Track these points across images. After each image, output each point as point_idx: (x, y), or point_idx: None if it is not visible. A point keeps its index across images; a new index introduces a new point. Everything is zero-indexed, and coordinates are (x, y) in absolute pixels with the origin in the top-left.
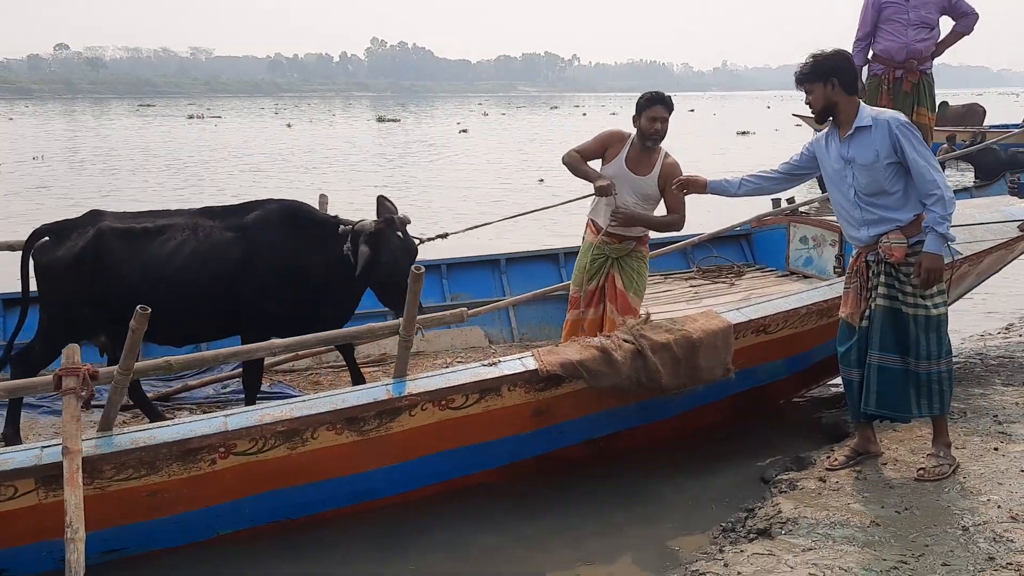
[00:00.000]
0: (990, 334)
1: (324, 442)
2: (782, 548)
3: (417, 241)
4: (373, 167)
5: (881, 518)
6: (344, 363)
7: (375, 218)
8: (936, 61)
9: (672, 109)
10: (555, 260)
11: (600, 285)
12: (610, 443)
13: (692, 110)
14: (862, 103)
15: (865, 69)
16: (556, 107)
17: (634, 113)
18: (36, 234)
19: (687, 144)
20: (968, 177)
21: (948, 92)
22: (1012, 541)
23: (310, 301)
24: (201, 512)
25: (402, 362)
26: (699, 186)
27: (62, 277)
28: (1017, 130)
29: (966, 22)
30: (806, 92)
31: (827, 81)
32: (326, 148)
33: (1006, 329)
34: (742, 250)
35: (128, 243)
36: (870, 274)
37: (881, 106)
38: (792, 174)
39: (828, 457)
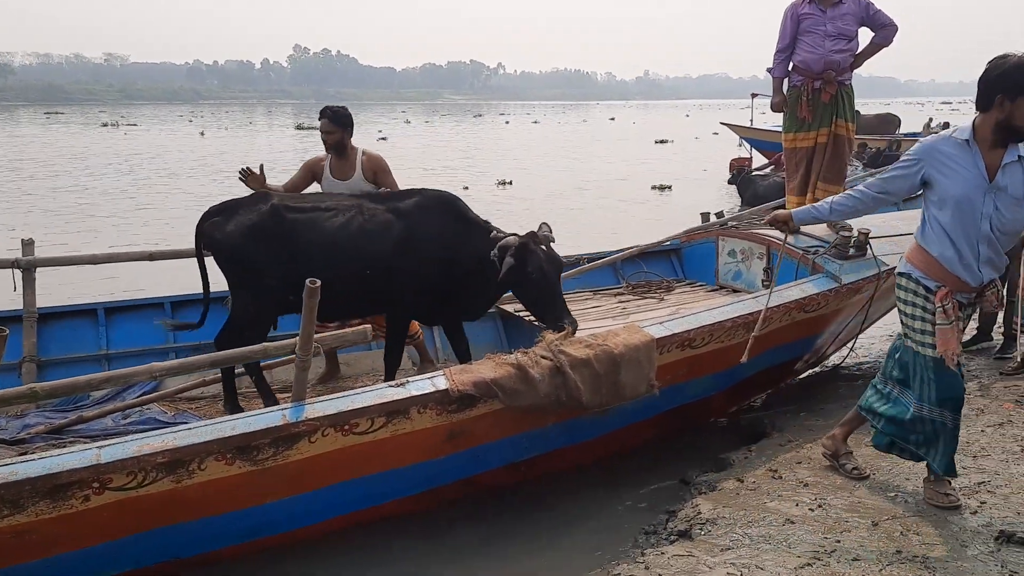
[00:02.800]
0: (891, 336)
1: (213, 474)
2: (702, 548)
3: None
4: (277, 174)
5: (795, 516)
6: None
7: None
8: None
9: (339, 122)
10: None
11: None
12: (535, 466)
13: (613, 118)
14: None
15: (786, 81)
16: (480, 115)
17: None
18: (205, 216)
19: (606, 151)
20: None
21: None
22: (918, 534)
23: (453, 292)
24: (77, 554)
25: (300, 385)
26: (785, 219)
27: (242, 246)
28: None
29: (885, 33)
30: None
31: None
32: (237, 156)
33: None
34: (672, 265)
35: (303, 215)
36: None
37: (800, 118)
38: (883, 194)
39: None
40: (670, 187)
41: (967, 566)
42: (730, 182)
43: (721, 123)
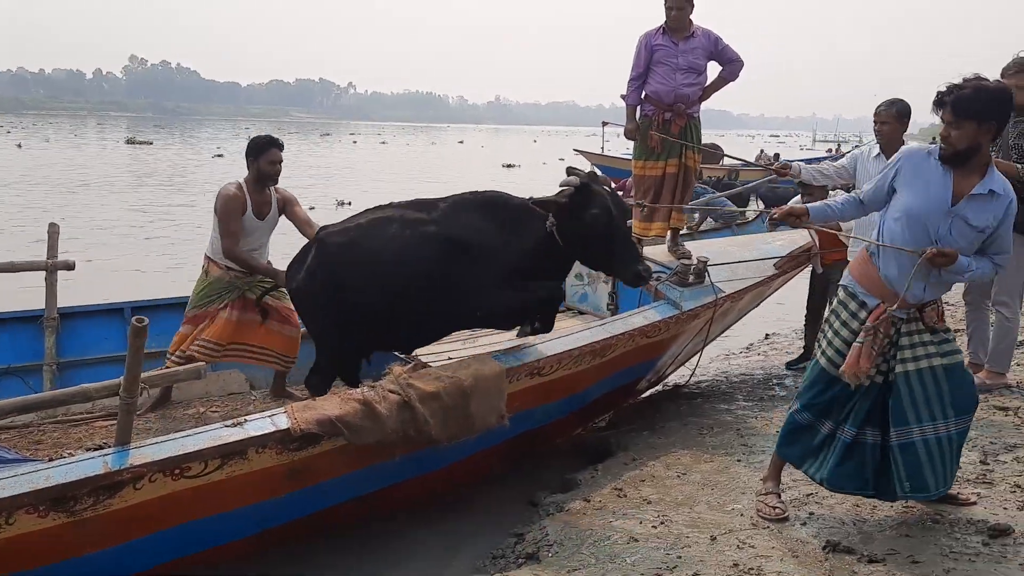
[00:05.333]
0: (733, 353)
1: (24, 527)
2: (549, 570)
3: None
4: (99, 194)
5: (640, 533)
6: (73, 419)
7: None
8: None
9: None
10: None
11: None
12: (382, 499)
13: (462, 141)
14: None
15: (639, 108)
16: (328, 134)
17: (250, 158)
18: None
19: (452, 173)
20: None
21: None
22: (753, 547)
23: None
24: None
25: (124, 428)
26: (801, 213)
27: (307, 300)
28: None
29: (732, 68)
30: (948, 124)
31: (985, 122)
32: (55, 171)
33: (747, 349)
34: None
35: (345, 243)
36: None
37: (650, 148)
38: (866, 203)
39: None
40: None
41: (802, 573)
42: None
43: (574, 150)
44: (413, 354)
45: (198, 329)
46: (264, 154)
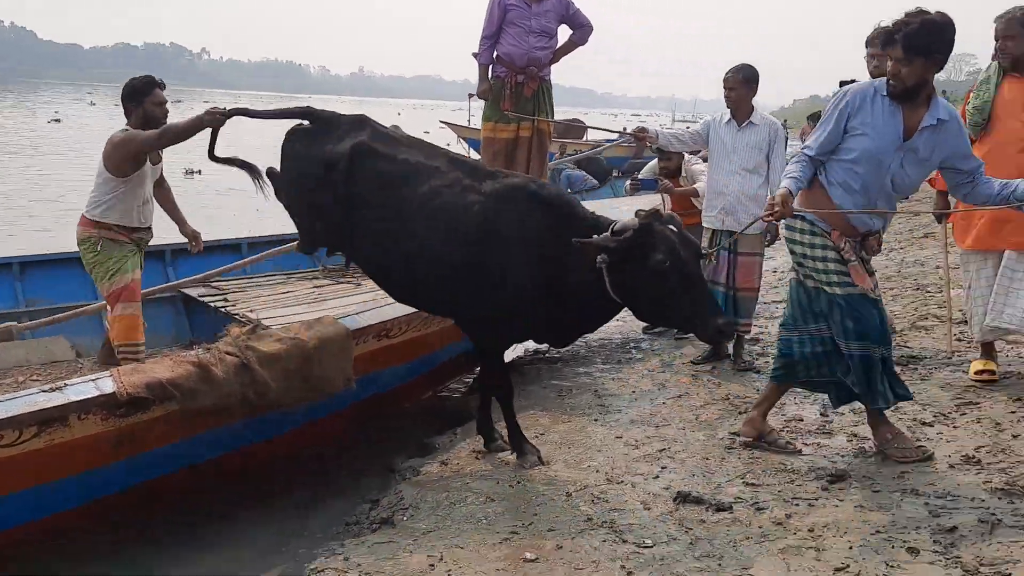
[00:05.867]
0: None
1: None
2: (403, 534)
3: None
4: None
5: (496, 493)
6: None
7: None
8: (551, 79)
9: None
10: (161, 258)
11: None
12: (222, 466)
13: None
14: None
15: (491, 68)
16: (180, 101)
17: (131, 103)
18: (303, 115)
19: None
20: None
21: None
22: (607, 501)
23: (551, 313)
24: None
25: None
26: (784, 198)
27: (313, 172)
28: (617, 142)
29: (582, 33)
30: (897, 60)
31: (931, 58)
32: None
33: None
34: None
35: (378, 166)
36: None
37: (503, 110)
38: (820, 156)
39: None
40: None
41: (650, 526)
42: None
43: (441, 122)
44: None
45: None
46: (148, 95)
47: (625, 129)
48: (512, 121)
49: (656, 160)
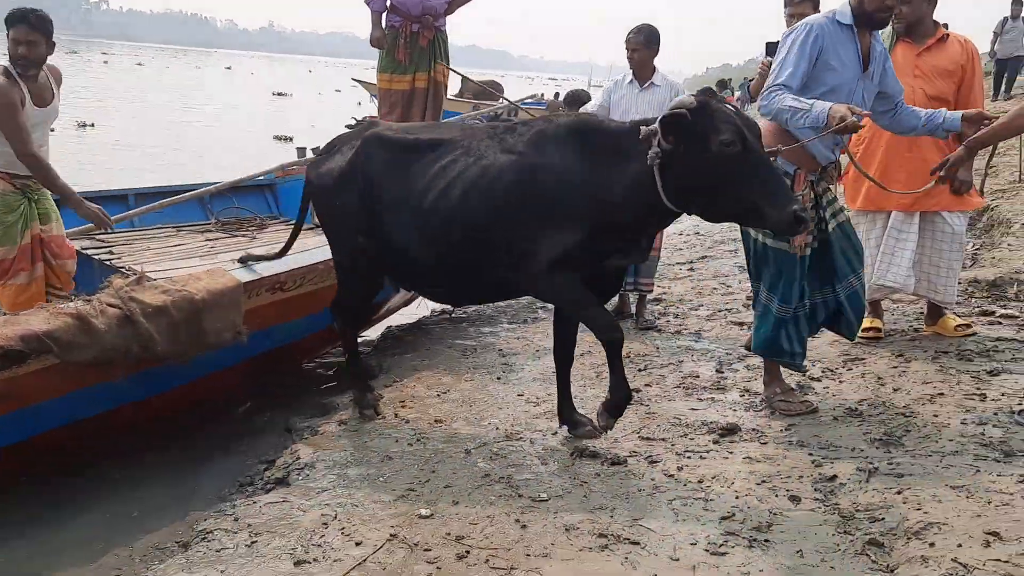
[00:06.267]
0: None
1: None
2: (297, 493)
3: None
4: None
5: (395, 452)
6: None
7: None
8: (464, 43)
9: (43, 29)
10: None
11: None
12: (106, 423)
13: (229, 68)
14: None
15: (384, 17)
16: (75, 52)
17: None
18: (318, 150)
19: (219, 102)
20: None
21: (475, 71)
22: (505, 457)
23: (609, 235)
24: None
25: None
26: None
27: (336, 198)
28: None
29: None
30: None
31: None
32: None
33: None
34: (266, 201)
35: (391, 155)
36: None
37: (398, 60)
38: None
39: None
40: (291, 138)
41: (546, 480)
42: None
43: (353, 79)
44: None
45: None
46: (9, 28)
47: (542, 95)
48: (407, 72)
49: None
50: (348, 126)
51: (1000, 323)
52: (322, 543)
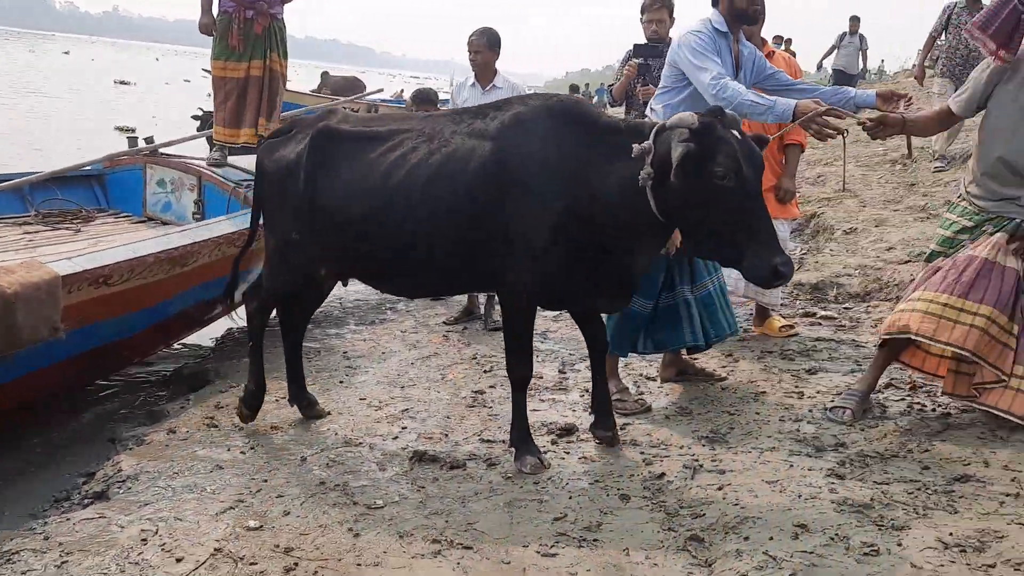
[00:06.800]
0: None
1: None
2: (116, 508)
3: None
4: None
5: (225, 461)
6: None
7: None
8: (325, 37)
9: None
10: None
11: None
12: None
13: (67, 52)
14: None
15: (216, 3)
16: None
17: None
18: (274, 132)
19: (54, 89)
20: None
21: (334, 66)
22: (343, 464)
23: (594, 246)
24: None
25: None
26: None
27: (278, 185)
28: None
29: None
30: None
31: None
32: None
33: None
34: (94, 193)
35: (343, 148)
36: None
37: (231, 46)
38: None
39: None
40: (133, 129)
41: (383, 487)
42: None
43: (203, 70)
44: None
45: None
46: None
47: (402, 91)
48: (242, 59)
49: None
50: (195, 116)
51: (820, 324)
52: (140, 561)
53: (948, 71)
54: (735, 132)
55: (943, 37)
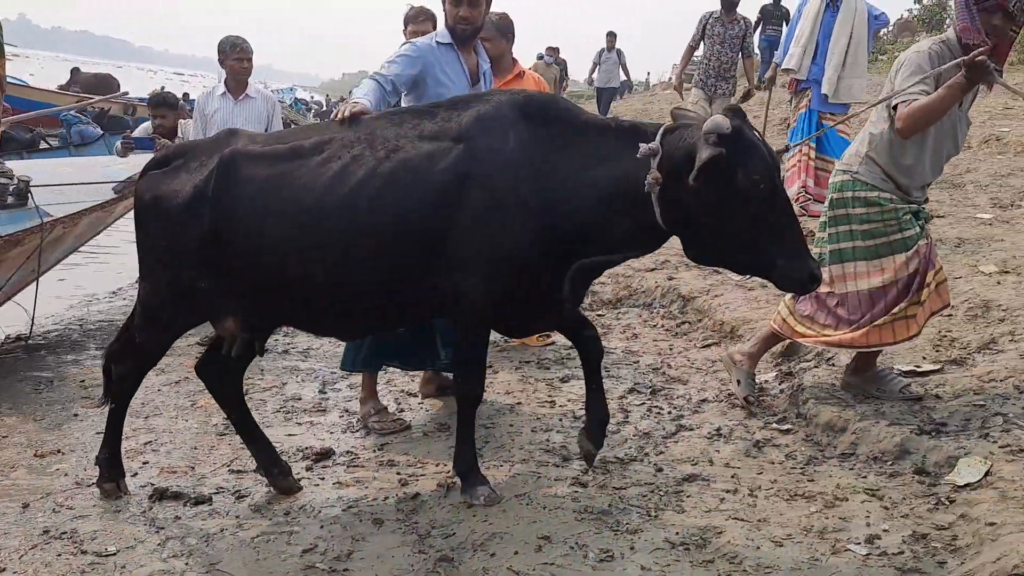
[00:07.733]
0: (99, 298)
1: None
2: None
3: None
4: None
5: None
6: None
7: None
8: (75, 28)
9: None
10: None
11: None
12: None
13: None
14: None
15: None
16: None
17: None
18: (152, 163)
19: None
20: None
21: (88, 60)
22: (72, 508)
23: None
24: None
25: None
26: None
27: (171, 224)
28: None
29: None
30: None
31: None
32: None
33: (114, 293)
34: None
35: (259, 171)
36: None
37: None
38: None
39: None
40: None
41: (117, 530)
42: None
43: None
44: None
45: None
46: None
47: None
48: None
49: (150, 119)
50: None
51: None
52: None
53: (701, 82)
54: (758, 133)
55: (700, 48)
